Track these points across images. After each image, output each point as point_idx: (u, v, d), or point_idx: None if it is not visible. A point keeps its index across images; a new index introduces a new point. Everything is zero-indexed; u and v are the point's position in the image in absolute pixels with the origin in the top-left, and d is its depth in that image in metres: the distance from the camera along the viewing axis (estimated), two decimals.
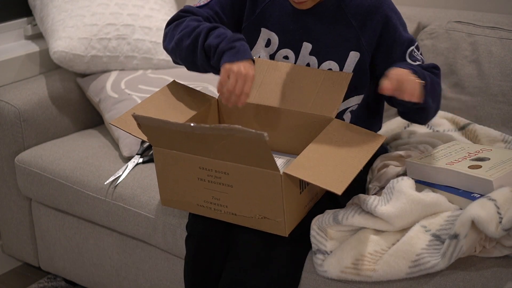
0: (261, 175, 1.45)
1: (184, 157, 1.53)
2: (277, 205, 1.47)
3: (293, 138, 1.66)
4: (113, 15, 2.26)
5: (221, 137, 1.41)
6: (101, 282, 2.09)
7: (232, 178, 1.49)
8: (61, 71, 2.32)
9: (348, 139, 1.55)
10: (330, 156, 1.49)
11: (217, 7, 1.69)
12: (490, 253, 1.49)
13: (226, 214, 1.55)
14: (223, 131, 1.39)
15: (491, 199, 1.46)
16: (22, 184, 2.15)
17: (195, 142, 1.47)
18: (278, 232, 1.51)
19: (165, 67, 2.32)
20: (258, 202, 1.49)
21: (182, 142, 1.50)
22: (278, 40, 1.70)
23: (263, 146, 1.38)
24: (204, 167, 1.51)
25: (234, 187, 1.50)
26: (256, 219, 1.51)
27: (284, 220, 1.48)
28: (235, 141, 1.40)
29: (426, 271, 1.45)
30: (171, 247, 1.83)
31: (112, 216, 1.94)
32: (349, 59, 1.65)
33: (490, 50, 1.96)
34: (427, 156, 1.66)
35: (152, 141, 1.56)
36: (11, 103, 2.16)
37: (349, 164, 1.47)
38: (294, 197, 1.50)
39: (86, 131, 2.29)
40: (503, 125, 1.92)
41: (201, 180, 1.53)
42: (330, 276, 1.52)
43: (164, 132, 1.49)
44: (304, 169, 1.45)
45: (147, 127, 1.51)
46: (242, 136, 1.38)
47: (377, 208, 1.51)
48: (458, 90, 2.00)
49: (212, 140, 1.43)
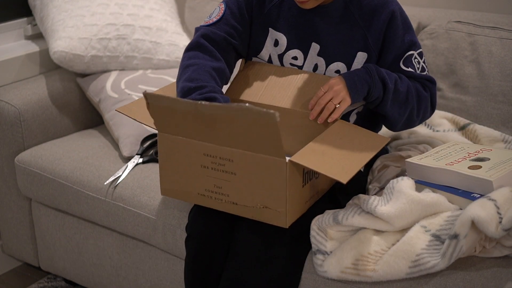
0: (266, 162, 1.45)
1: (189, 143, 1.53)
2: (280, 194, 1.47)
3: (297, 138, 1.66)
4: (113, 15, 2.26)
5: (229, 118, 1.41)
6: (101, 282, 2.08)
7: (236, 165, 1.49)
8: (61, 71, 2.32)
9: (352, 137, 1.56)
10: (335, 149, 1.50)
11: (231, 20, 1.68)
12: (490, 253, 1.49)
13: (227, 203, 1.55)
14: (233, 111, 1.39)
15: (491, 199, 1.46)
16: (22, 184, 2.15)
17: (202, 126, 1.47)
18: (279, 223, 1.50)
19: (165, 67, 2.32)
20: (261, 191, 1.49)
21: (189, 125, 1.50)
22: (287, 41, 1.69)
23: (272, 127, 1.37)
24: (208, 154, 1.51)
25: (237, 175, 1.50)
26: (257, 208, 1.51)
27: (286, 210, 1.48)
28: (244, 122, 1.40)
29: (426, 271, 1.45)
30: (171, 247, 1.83)
31: (112, 216, 1.94)
32: (357, 59, 1.65)
33: (490, 50, 1.95)
34: (427, 156, 1.65)
35: (159, 125, 1.56)
36: (11, 103, 2.16)
37: (355, 156, 1.48)
38: (297, 189, 1.50)
39: (86, 131, 2.29)
40: (503, 125, 1.92)
41: (204, 167, 1.53)
42: (330, 276, 1.52)
43: (172, 114, 1.49)
44: (310, 158, 1.46)
45: (156, 107, 1.50)
46: (252, 117, 1.37)
47: (377, 208, 1.51)
48: (458, 90, 2.00)
49: (220, 122, 1.43)
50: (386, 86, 1.58)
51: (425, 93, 1.66)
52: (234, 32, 1.69)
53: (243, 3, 1.70)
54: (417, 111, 1.66)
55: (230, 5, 1.69)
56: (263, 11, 1.70)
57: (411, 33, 1.67)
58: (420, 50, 1.67)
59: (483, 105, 1.95)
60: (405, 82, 1.62)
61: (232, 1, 1.70)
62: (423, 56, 1.68)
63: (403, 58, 1.64)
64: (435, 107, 1.71)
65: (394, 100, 1.61)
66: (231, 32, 1.68)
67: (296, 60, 1.70)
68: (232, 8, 1.69)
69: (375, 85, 1.57)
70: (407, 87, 1.62)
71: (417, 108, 1.65)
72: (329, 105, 1.56)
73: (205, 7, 2.47)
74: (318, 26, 1.66)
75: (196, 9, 2.50)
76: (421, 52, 1.67)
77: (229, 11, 1.69)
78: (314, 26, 1.67)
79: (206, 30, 1.68)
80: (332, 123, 1.58)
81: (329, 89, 1.56)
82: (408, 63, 1.65)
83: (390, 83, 1.58)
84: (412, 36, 1.66)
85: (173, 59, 2.31)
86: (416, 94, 1.64)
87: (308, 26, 1.67)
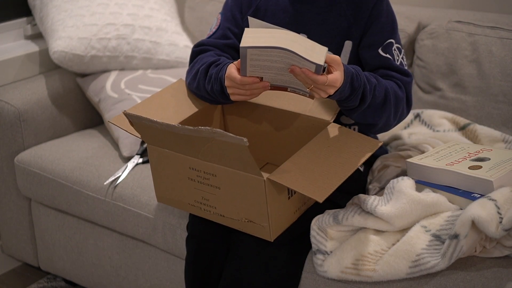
0: (245, 179, 1.45)
1: (175, 157, 1.53)
2: (262, 210, 1.46)
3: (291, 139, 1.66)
4: (113, 15, 2.26)
5: (204, 139, 1.41)
6: (100, 282, 2.08)
7: (219, 180, 1.49)
8: (61, 71, 2.32)
9: (342, 144, 1.53)
10: (318, 162, 1.48)
11: (228, 25, 1.73)
12: (491, 253, 1.49)
13: (215, 215, 1.55)
14: (205, 133, 1.38)
15: (491, 199, 1.45)
16: (22, 184, 2.15)
17: (183, 143, 1.48)
18: (264, 237, 1.50)
19: (165, 67, 2.32)
20: (244, 206, 1.49)
21: (172, 141, 1.50)
22: None
23: (244, 151, 1.37)
24: (193, 168, 1.52)
25: (221, 189, 1.50)
26: (242, 222, 1.51)
27: (269, 225, 1.48)
28: (218, 144, 1.40)
29: (426, 271, 1.45)
30: (171, 247, 1.83)
31: (111, 216, 1.94)
32: (344, 48, 1.65)
33: (491, 50, 1.95)
34: (427, 157, 1.65)
35: (146, 139, 1.57)
36: (10, 103, 2.16)
37: (336, 172, 1.46)
38: (280, 203, 1.49)
39: (86, 131, 2.29)
40: (504, 125, 1.92)
41: (191, 180, 1.54)
42: (330, 276, 1.52)
43: (155, 131, 1.49)
44: (289, 175, 1.44)
45: (139, 125, 1.51)
46: (224, 140, 1.37)
47: (377, 208, 1.51)
48: (458, 90, 2.00)
49: (198, 141, 1.44)
50: (364, 98, 1.53)
51: (401, 94, 1.61)
52: (232, 36, 1.72)
53: (233, 6, 1.73)
54: (394, 115, 1.61)
55: (224, 12, 1.75)
56: (252, 8, 1.71)
57: (394, 26, 1.65)
58: (400, 46, 1.65)
59: (483, 105, 1.95)
60: (382, 88, 1.56)
61: (225, 7, 1.76)
62: (402, 52, 1.66)
63: (383, 45, 1.63)
64: (411, 104, 1.66)
65: (368, 108, 1.56)
66: (230, 36, 1.72)
67: None
68: (226, 13, 1.74)
69: (356, 95, 1.51)
70: (384, 93, 1.56)
71: (394, 112, 1.60)
72: (313, 90, 1.46)
73: (205, 7, 2.47)
74: (305, 16, 1.67)
75: (196, 9, 2.50)
76: (400, 48, 1.65)
77: (224, 18, 1.74)
78: (301, 16, 1.67)
79: (205, 41, 1.73)
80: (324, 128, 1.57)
81: (329, 84, 1.44)
82: (387, 50, 1.63)
83: (369, 95, 1.52)
84: (394, 28, 1.65)
85: (173, 59, 2.31)
86: (394, 98, 1.58)
87: (296, 17, 1.67)
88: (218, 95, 1.60)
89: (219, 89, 1.58)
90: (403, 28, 2.05)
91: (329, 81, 1.41)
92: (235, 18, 1.73)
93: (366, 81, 1.52)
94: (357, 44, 1.65)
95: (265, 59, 1.42)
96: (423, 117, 1.97)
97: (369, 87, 1.51)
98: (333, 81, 1.42)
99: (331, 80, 1.42)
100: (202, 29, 2.45)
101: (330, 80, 1.42)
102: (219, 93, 1.59)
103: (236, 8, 1.74)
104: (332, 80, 1.42)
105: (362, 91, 1.50)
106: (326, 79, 1.41)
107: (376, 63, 1.63)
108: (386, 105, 1.56)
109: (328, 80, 1.41)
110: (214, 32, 1.74)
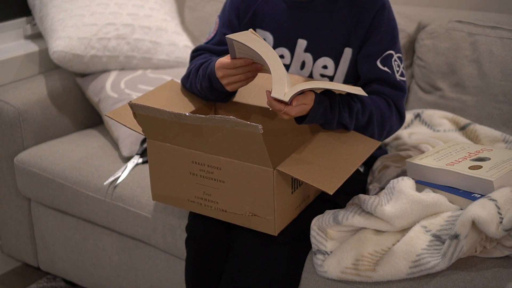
0: (253, 171, 1.45)
1: (177, 151, 1.53)
2: (268, 202, 1.46)
3: (288, 141, 1.66)
4: (113, 15, 2.25)
5: (215, 128, 1.41)
6: (100, 283, 2.08)
7: (224, 174, 1.49)
8: (61, 71, 2.32)
9: (343, 142, 1.54)
10: (324, 156, 1.49)
11: (225, 30, 1.74)
12: (491, 254, 1.49)
13: (216, 210, 1.55)
14: (217, 122, 1.39)
15: (491, 199, 1.45)
16: (22, 184, 2.14)
17: (189, 134, 1.47)
18: (267, 231, 1.50)
19: (165, 67, 2.32)
20: (249, 199, 1.48)
21: (176, 134, 1.50)
22: (273, 39, 1.70)
23: (257, 139, 1.37)
24: (196, 162, 1.51)
25: (225, 183, 1.50)
26: (246, 216, 1.51)
27: (274, 218, 1.48)
28: (229, 133, 1.40)
29: (427, 271, 1.45)
30: (170, 248, 1.83)
31: (111, 217, 1.94)
32: (344, 55, 1.65)
33: (491, 49, 1.95)
34: (428, 157, 1.65)
35: (147, 133, 1.56)
36: (10, 103, 2.15)
37: (343, 165, 1.47)
38: (285, 196, 1.49)
39: (86, 131, 2.29)
40: (504, 125, 1.91)
41: (193, 174, 1.53)
42: (330, 277, 1.52)
43: (159, 123, 1.49)
44: (297, 167, 1.45)
45: (142, 117, 1.50)
46: (237, 128, 1.37)
47: (377, 208, 1.50)
48: (459, 90, 2.00)
49: (206, 131, 1.43)
50: (344, 124, 1.56)
51: (389, 113, 1.61)
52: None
53: (231, 11, 1.74)
54: (379, 133, 1.61)
55: (222, 16, 1.76)
56: (250, 13, 1.71)
57: (395, 34, 1.65)
58: (400, 55, 1.65)
59: (483, 105, 1.95)
60: (367, 111, 1.57)
61: (223, 11, 1.76)
62: (402, 61, 1.66)
63: (381, 57, 1.63)
64: (404, 117, 1.66)
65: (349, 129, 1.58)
66: (226, 42, 1.72)
67: (283, 58, 1.70)
68: (224, 18, 1.75)
69: (331, 124, 1.54)
70: (368, 116, 1.57)
71: (378, 132, 1.61)
72: (282, 113, 1.47)
73: (205, 7, 2.47)
74: (304, 21, 1.66)
75: (196, 8, 2.50)
76: (401, 57, 1.66)
77: (221, 23, 1.75)
78: (300, 22, 1.67)
79: (203, 46, 1.75)
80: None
81: (285, 112, 1.46)
82: (386, 63, 1.63)
83: (350, 121, 1.54)
84: (394, 37, 1.64)
85: (173, 58, 2.30)
86: (380, 118, 1.59)
87: (294, 22, 1.67)
88: (208, 92, 1.64)
89: (208, 85, 1.62)
90: (403, 28, 2.05)
91: (285, 111, 1.44)
92: (232, 24, 1.74)
93: (347, 109, 1.54)
94: (357, 53, 1.65)
95: (250, 55, 1.48)
96: (424, 117, 1.97)
97: (348, 115, 1.54)
98: (288, 111, 1.44)
99: (287, 111, 1.44)
100: (202, 29, 2.45)
101: (286, 110, 1.44)
102: (208, 90, 1.63)
103: (233, 13, 1.74)
104: (288, 111, 1.44)
105: (337, 120, 1.53)
106: (283, 108, 1.44)
107: (372, 76, 1.63)
108: (369, 126, 1.58)
109: (285, 110, 1.44)
110: (212, 37, 1.76)
